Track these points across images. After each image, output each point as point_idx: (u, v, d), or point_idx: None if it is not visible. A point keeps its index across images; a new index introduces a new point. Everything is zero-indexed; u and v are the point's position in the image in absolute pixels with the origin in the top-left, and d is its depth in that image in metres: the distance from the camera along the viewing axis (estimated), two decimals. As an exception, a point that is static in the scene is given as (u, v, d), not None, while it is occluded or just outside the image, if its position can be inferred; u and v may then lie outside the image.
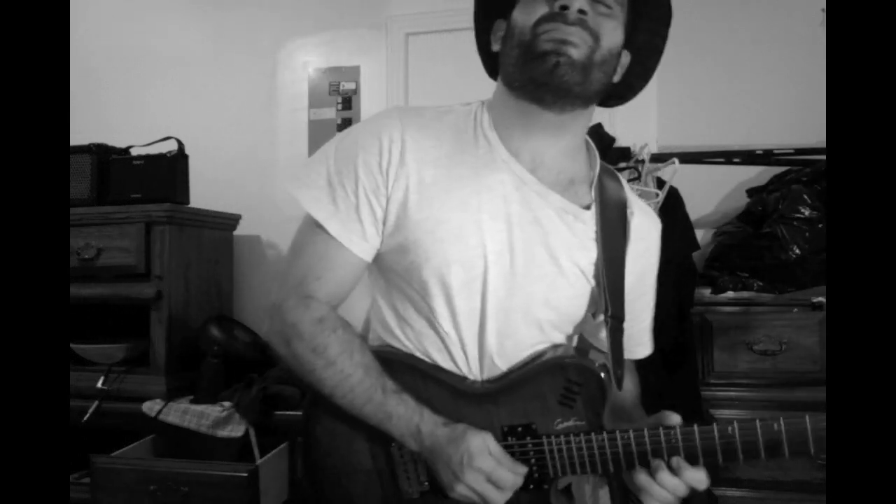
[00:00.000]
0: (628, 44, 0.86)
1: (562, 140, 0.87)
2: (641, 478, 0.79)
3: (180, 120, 2.46)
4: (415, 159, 0.83)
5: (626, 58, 0.88)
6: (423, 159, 0.83)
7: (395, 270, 0.86)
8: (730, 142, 2.16)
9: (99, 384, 1.90)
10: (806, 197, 1.77)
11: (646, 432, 0.80)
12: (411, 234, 0.82)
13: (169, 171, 2.03)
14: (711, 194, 2.18)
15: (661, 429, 0.80)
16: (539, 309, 0.86)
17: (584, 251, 0.87)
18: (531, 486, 0.84)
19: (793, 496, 1.74)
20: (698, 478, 0.78)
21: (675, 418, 0.82)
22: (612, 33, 0.81)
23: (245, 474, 1.58)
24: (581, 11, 0.77)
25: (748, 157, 2.04)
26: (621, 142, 2.13)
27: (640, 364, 1.96)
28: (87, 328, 2.06)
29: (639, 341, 1.03)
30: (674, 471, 0.78)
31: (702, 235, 2.07)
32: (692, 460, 0.78)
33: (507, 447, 0.82)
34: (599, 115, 2.22)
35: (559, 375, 0.84)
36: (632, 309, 0.93)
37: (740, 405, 1.80)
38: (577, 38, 0.77)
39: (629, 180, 2.10)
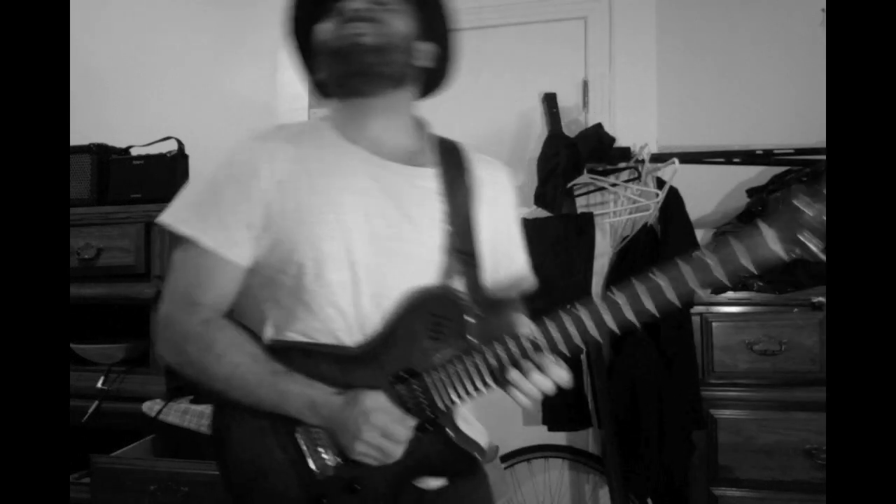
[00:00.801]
0: (428, 34, 1.00)
1: (391, 120, 1.00)
2: (512, 375, 0.88)
3: (180, 120, 2.46)
4: (268, 163, 0.93)
5: (429, 46, 1.01)
6: (276, 162, 0.94)
7: (271, 265, 0.93)
8: (730, 142, 2.16)
9: (99, 384, 1.90)
10: (806, 197, 1.77)
11: (512, 342, 0.88)
12: (279, 226, 0.92)
13: (169, 171, 2.03)
14: (711, 194, 2.18)
15: (521, 337, 0.87)
16: (404, 265, 0.93)
17: (432, 205, 0.97)
18: (429, 428, 0.90)
19: (793, 496, 1.74)
20: (560, 374, 0.88)
21: (525, 323, 0.92)
22: (398, 23, 0.94)
23: (245, 474, 1.58)
24: (364, 15, 0.92)
25: (748, 157, 2.03)
26: (621, 142, 2.13)
27: (641, 365, 1.97)
28: (87, 328, 2.06)
29: (518, 278, 1.13)
30: (540, 369, 0.87)
31: (702, 235, 2.07)
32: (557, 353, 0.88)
33: (397, 397, 0.89)
34: (600, 115, 2.23)
35: (424, 312, 0.91)
36: (505, 251, 1.07)
37: (740, 405, 1.80)
38: (364, 29, 0.91)
39: (628, 180, 2.11)
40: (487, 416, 2.36)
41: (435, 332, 0.91)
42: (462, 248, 0.97)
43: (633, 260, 1.99)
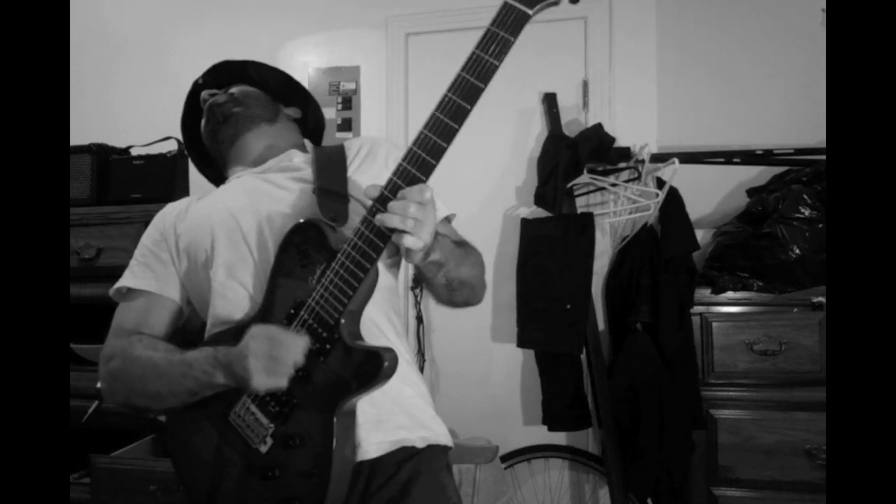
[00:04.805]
0: (289, 102, 1.26)
1: (272, 145, 1.16)
2: (380, 217, 0.84)
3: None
4: (177, 209, 1.12)
5: (292, 111, 1.26)
6: (184, 206, 1.12)
7: (192, 272, 1.06)
8: (730, 142, 2.16)
9: (99, 384, 1.90)
10: (806, 197, 1.77)
11: (366, 215, 0.87)
12: (185, 243, 1.07)
13: (169, 171, 2.03)
14: (711, 194, 2.18)
15: (371, 202, 0.87)
16: (283, 230, 0.99)
17: (299, 181, 1.08)
18: (327, 347, 0.91)
19: (793, 496, 1.74)
20: (416, 190, 0.83)
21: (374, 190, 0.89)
22: (241, 88, 1.19)
23: (245, 474, 1.57)
24: (211, 94, 1.19)
25: (748, 157, 2.04)
26: (621, 142, 2.13)
27: (641, 365, 1.96)
28: (87, 328, 2.06)
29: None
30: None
31: (702, 235, 2.07)
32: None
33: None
34: (600, 115, 2.23)
35: (290, 247, 0.96)
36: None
37: (740, 405, 1.80)
38: (216, 99, 1.17)
39: (629, 180, 2.11)
40: (488, 417, 2.38)
41: (304, 259, 0.94)
42: (333, 190, 1.03)
43: (633, 260, 1.99)
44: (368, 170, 1.09)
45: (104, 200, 2.04)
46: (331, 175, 1.06)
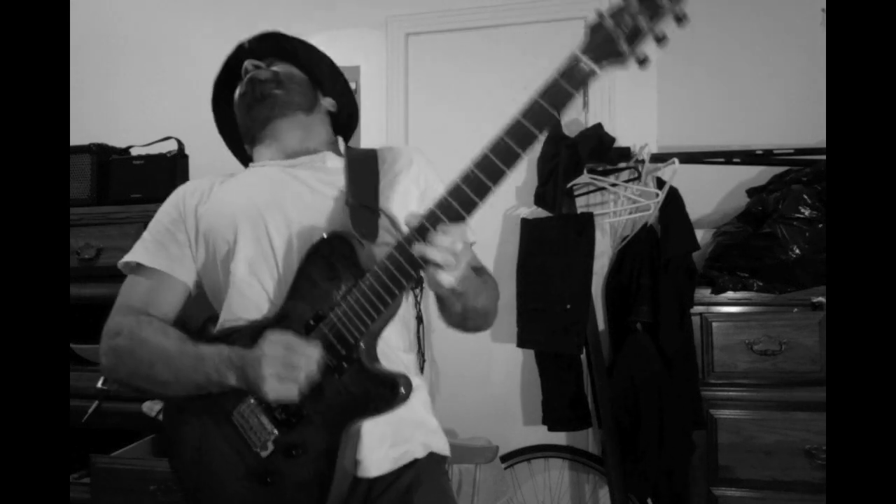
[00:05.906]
0: (325, 90, 1.20)
1: (304, 137, 1.13)
2: (420, 249, 0.83)
3: (180, 120, 2.46)
4: (197, 190, 1.09)
5: (328, 103, 1.20)
6: (204, 187, 1.09)
7: (209, 263, 1.04)
8: (730, 142, 2.16)
9: (99, 384, 1.90)
10: (806, 197, 1.77)
11: (402, 242, 0.85)
12: (205, 227, 1.04)
13: (169, 171, 2.03)
14: (711, 194, 2.18)
15: (408, 229, 0.85)
16: (310, 236, 0.98)
17: (335, 180, 1.06)
18: (344, 365, 0.90)
19: (793, 496, 1.74)
20: (459, 230, 0.83)
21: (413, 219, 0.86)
22: (286, 68, 1.14)
23: (245, 474, 1.57)
24: (255, 66, 1.13)
25: (748, 157, 2.04)
26: (621, 142, 2.13)
27: (641, 365, 1.96)
28: (87, 328, 2.06)
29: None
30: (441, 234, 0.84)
31: (702, 235, 2.07)
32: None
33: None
34: (600, 115, 2.23)
35: (317, 257, 0.94)
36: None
37: (740, 405, 1.80)
38: (259, 73, 1.11)
39: (629, 180, 2.11)
40: (488, 417, 2.37)
41: (330, 272, 0.93)
42: (352, 200, 1.01)
43: (633, 260, 1.99)
44: (399, 184, 1.08)
45: (104, 200, 2.04)
46: (364, 187, 1.04)
